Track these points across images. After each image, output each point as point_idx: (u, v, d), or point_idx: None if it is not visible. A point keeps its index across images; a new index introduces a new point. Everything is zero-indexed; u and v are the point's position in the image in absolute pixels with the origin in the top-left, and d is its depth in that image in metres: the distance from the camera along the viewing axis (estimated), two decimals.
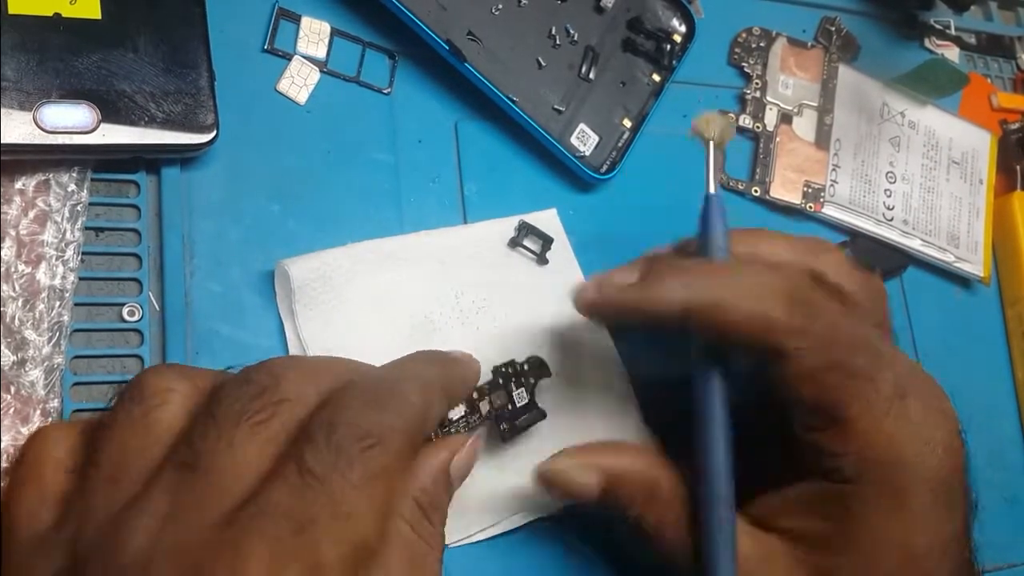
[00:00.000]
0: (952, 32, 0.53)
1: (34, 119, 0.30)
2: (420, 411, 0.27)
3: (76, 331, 0.32)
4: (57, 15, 0.32)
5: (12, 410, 0.29)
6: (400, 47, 0.39)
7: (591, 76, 0.41)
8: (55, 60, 0.31)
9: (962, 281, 0.50)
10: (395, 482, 0.25)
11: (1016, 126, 0.53)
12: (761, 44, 0.47)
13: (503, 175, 0.40)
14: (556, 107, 0.40)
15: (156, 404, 0.26)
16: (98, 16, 0.32)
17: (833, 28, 0.49)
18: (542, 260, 0.38)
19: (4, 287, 0.30)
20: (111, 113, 0.31)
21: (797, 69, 0.48)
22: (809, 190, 0.46)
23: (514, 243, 0.38)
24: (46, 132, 0.30)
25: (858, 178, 0.47)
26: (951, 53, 0.54)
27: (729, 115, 0.44)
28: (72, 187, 0.32)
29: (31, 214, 0.31)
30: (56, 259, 0.31)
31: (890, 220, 0.47)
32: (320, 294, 0.33)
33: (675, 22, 0.43)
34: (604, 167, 0.41)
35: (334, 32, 0.38)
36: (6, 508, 0.26)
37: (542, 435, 0.35)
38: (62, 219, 0.32)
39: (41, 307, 0.31)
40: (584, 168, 0.40)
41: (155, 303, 0.33)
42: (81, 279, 0.32)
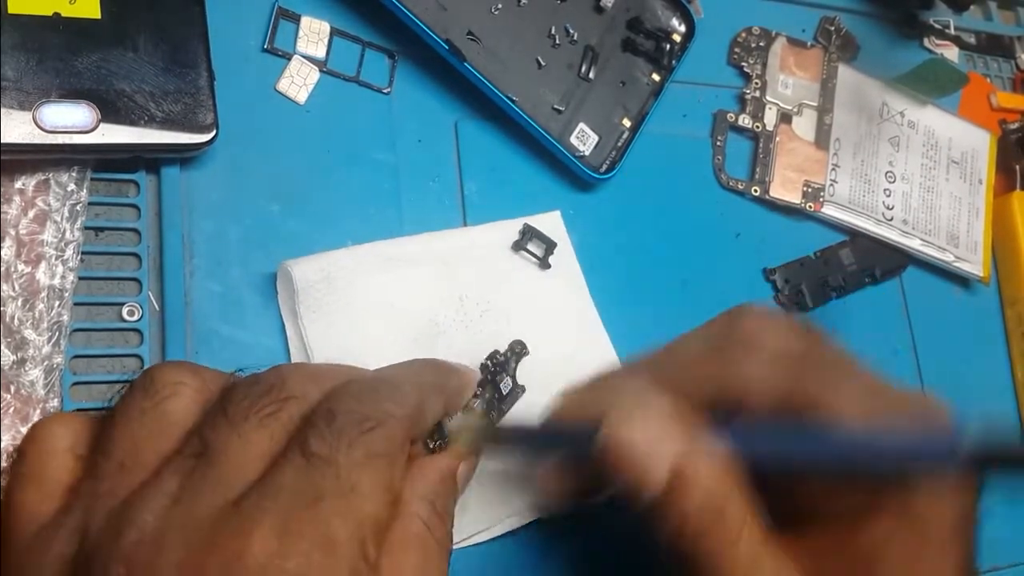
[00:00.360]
0: (951, 32, 0.53)
1: (34, 119, 0.30)
2: (416, 405, 0.28)
3: (76, 331, 0.32)
4: (57, 15, 0.32)
5: (12, 410, 0.29)
6: (400, 47, 0.39)
7: (591, 76, 0.41)
8: (55, 60, 0.31)
9: (962, 281, 0.50)
10: (396, 465, 0.26)
11: (1015, 126, 0.53)
12: (761, 44, 0.47)
13: (503, 175, 0.40)
14: (556, 107, 0.40)
15: (166, 396, 0.26)
16: (98, 16, 0.32)
17: (833, 28, 0.49)
18: (544, 264, 0.38)
19: (4, 287, 0.30)
20: (111, 113, 0.31)
21: (797, 69, 0.48)
22: (809, 190, 0.46)
23: (518, 246, 0.38)
24: (46, 132, 0.30)
25: (858, 178, 0.47)
26: (951, 53, 0.54)
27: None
28: (72, 187, 0.32)
29: (31, 214, 0.31)
30: (56, 259, 0.31)
31: (890, 220, 0.47)
32: (323, 296, 0.33)
33: (675, 22, 0.43)
34: (604, 167, 0.41)
35: (334, 32, 0.38)
36: (7, 503, 0.26)
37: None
38: (62, 219, 0.32)
39: (41, 307, 0.31)
40: (584, 168, 0.40)
41: (155, 303, 0.33)
42: (81, 279, 0.32)
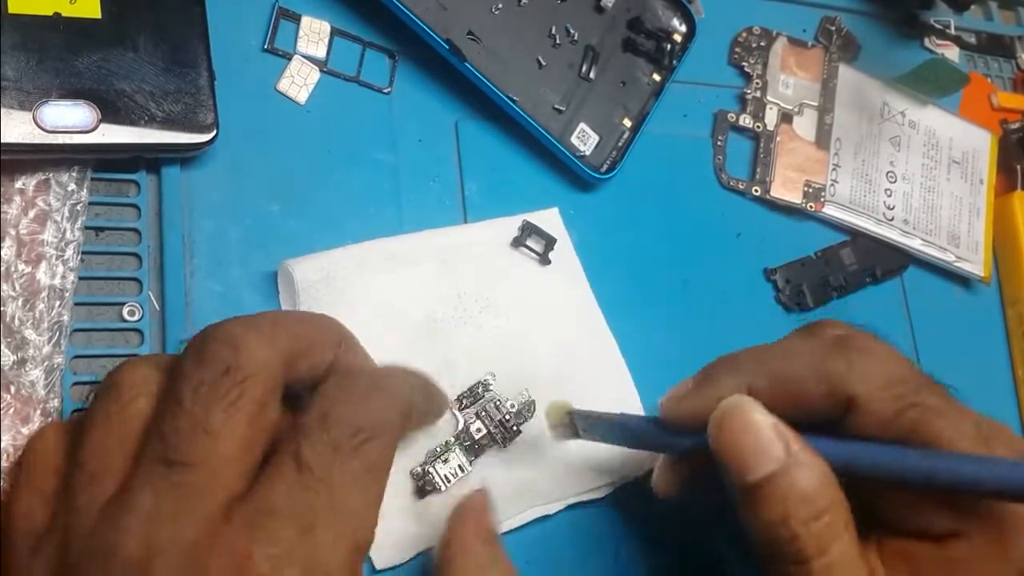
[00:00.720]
0: (952, 32, 0.53)
1: (34, 118, 0.30)
2: (406, 405, 0.28)
3: (76, 331, 0.32)
4: (57, 15, 0.32)
5: (12, 410, 0.29)
6: (400, 47, 0.39)
7: (591, 76, 0.41)
8: (55, 59, 0.31)
9: (962, 281, 0.50)
10: (387, 477, 0.26)
11: (1016, 126, 0.53)
12: (761, 44, 0.47)
13: (503, 174, 0.40)
14: (556, 107, 0.40)
15: (131, 398, 0.26)
16: (98, 16, 0.32)
17: (833, 28, 0.49)
18: (544, 260, 0.38)
19: (4, 287, 0.30)
20: (111, 113, 0.31)
21: (797, 69, 0.48)
22: (809, 190, 0.46)
23: (517, 243, 0.38)
24: (46, 131, 0.30)
25: (858, 178, 0.47)
26: (951, 53, 0.54)
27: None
28: (72, 186, 0.32)
29: (31, 213, 0.31)
30: (56, 258, 0.31)
31: (890, 220, 0.47)
32: (324, 295, 0.33)
33: (675, 22, 0.43)
34: (604, 167, 0.41)
35: (334, 32, 0.38)
36: (5, 509, 0.26)
37: (534, 421, 0.35)
38: (62, 218, 0.32)
39: (41, 307, 0.31)
40: (584, 167, 0.40)
41: (155, 303, 0.33)
42: (81, 279, 0.32)
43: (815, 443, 0.27)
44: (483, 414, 0.34)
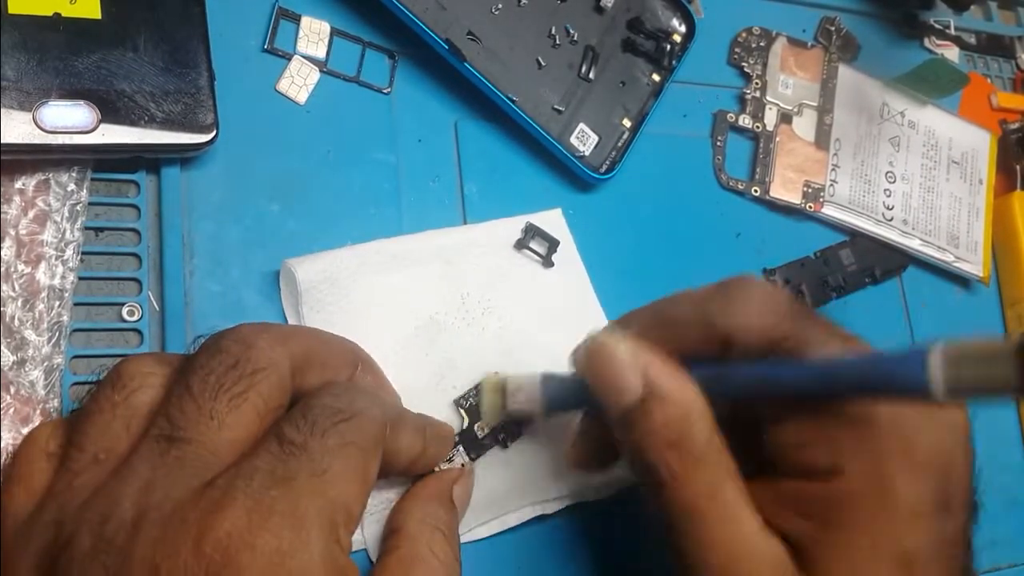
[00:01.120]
0: (952, 32, 0.53)
1: (34, 119, 0.30)
2: (395, 415, 0.29)
3: (76, 331, 0.32)
4: (57, 15, 0.32)
5: (12, 410, 0.29)
6: (400, 47, 0.39)
7: (591, 76, 0.41)
8: (55, 60, 0.31)
9: (962, 281, 0.50)
10: (368, 457, 0.26)
11: (1016, 126, 0.53)
12: (761, 44, 0.47)
13: (503, 175, 0.40)
14: (556, 107, 0.40)
15: (135, 388, 0.26)
16: (98, 16, 0.32)
17: (833, 28, 0.49)
18: (548, 263, 0.38)
19: (4, 287, 0.30)
20: (111, 113, 0.31)
21: (797, 69, 0.48)
22: (809, 190, 0.46)
23: (520, 245, 0.38)
24: (46, 132, 0.30)
25: (858, 178, 0.47)
26: (951, 53, 0.54)
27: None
28: (72, 187, 0.32)
29: (31, 214, 0.31)
30: (56, 259, 0.31)
31: (890, 220, 0.47)
32: (326, 295, 0.33)
33: (675, 22, 0.43)
34: (604, 167, 0.41)
35: (334, 32, 0.38)
36: (2, 506, 0.26)
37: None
38: (62, 219, 0.32)
39: (41, 307, 0.31)
40: (584, 168, 0.40)
41: (155, 303, 0.33)
42: (81, 279, 0.32)
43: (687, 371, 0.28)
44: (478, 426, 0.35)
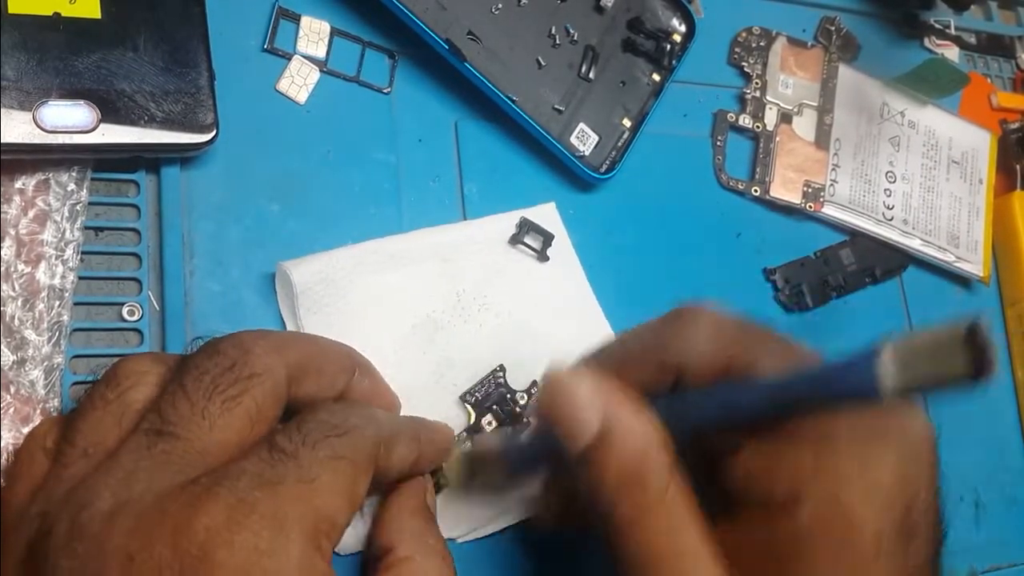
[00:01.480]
0: (952, 32, 0.53)
1: (34, 119, 0.30)
2: (390, 431, 0.29)
3: (76, 330, 0.32)
4: (57, 15, 0.32)
5: (12, 410, 0.29)
6: (400, 47, 0.39)
7: (591, 76, 0.41)
8: (55, 60, 0.31)
9: (962, 281, 0.50)
10: (359, 474, 0.26)
11: (1016, 126, 0.53)
12: (761, 44, 0.47)
13: (503, 174, 0.40)
14: (556, 107, 0.40)
15: (129, 386, 0.26)
16: (98, 16, 0.32)
17: (833, 28, 0.49)
18: (543, 257, 0.38)
19: (4, 287, 0.30)
20: (111, 112, 0.31)
21: (797, 69, 0.48)
22: (809, 190, 0.46)
23: (515, 240, 0.38)
24: (46, 132, 0.30)
25: (858, 178, 0.47)
26: (951, 53, 0.54)
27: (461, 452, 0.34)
28: (72, 186, 0.32)
29: (31, 213, 0.31)
30: (56, 258, 0.31)
31: (890, 220, 0.47)
32: (323, 296, 0.33)
33: (675, 22, 0.43)
34: (604, 167, 0.41)
35: (334, 32, 0.38)
36: (3, 501, 0.26)
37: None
38: (62, 218, 0.32)
39: (41, 307, 0.31)
40: (584, 168, 0.40)
41: (155, 303, 0.33)
42: (81, 278, 0.32)
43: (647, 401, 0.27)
44: (495, 408, 0.35)
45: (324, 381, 0.29)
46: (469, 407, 0.34)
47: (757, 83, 0.46)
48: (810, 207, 0.46)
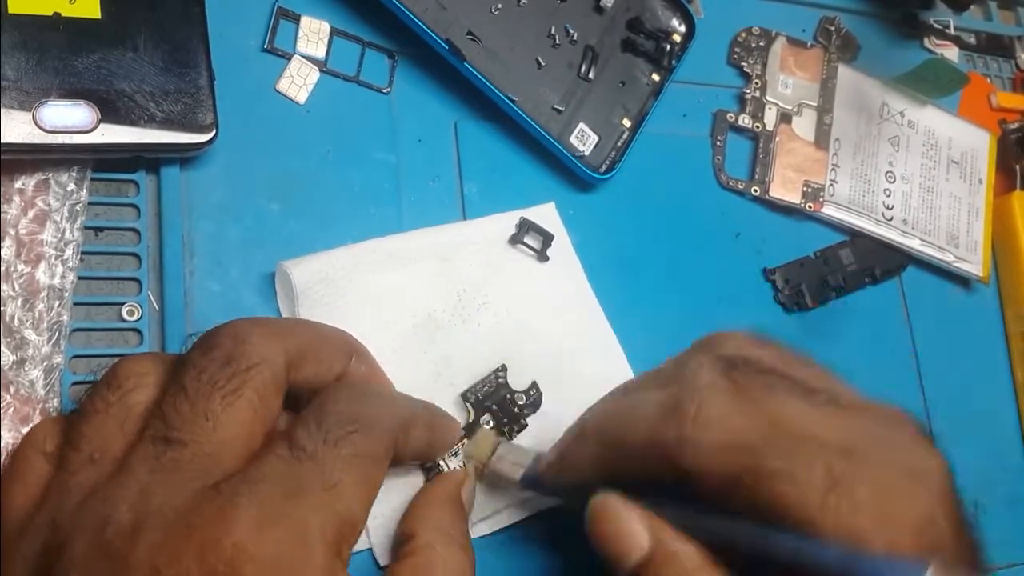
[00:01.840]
0: (952, 32, 0.53)
1: (33, 119, 0.30)
2: (405, 420, 0.29)
3: (76, 330, 0.32)
4: (57, 14, 0.32)
5: (12, 410, 0.29)
6: (400, 47, 0.39)
7: (591, 76, 0.41)
8: (55, 59, 0.31)
9: (961, 281, 0.50)
10: (380, 468, 0.27)
11: (1015, 126, 0.53)
12: (761, 44, 0.47)
13: (503, 174, 0.40)
14: (556, 107, 0.40)
15: (130, 388, 0.26)
16: (98, 16, 0.32)
17: (833, 28, 0.49)
18: (543, 257, 0.38)
19: (4, 287, 0.30)
20: (110, 113, 0.31)
21: (797, 69, 0.48)
22: (808, 190, 0.46)
23: (515, 240, 0.38)
24: (45, 132, 0.30)
25: (857, 178, 0.47)
26: (951, 53, 0.54)
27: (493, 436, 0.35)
28: (71, 186, 0.32)
29: (31, 213, 0.31)
30: (55, 258, 0.31)
31: (889, 220, 0.47)
32: (323, 296, 0.33)
33: (675, 22, 0.43)
34: (603, 167, 0.41)
35: (334, 32, 0.38)
36: (1, 505, 0.26)
37: (542, 417, 0.35)
38: (61, 218, 0.32)
39: (40, 307, 0.31)
40: (583, 168, 0.40)
41: (154, 302, 0.33)
42: (80, 278, 0.32)
43: (680, 519, 0.27)
44: (495, 408, 0.35)
45: (322, 367, 0.29)
46: (469, 406, 0.34)
47: (757, 83, 0.46)
48: (810, 207, 0.46)
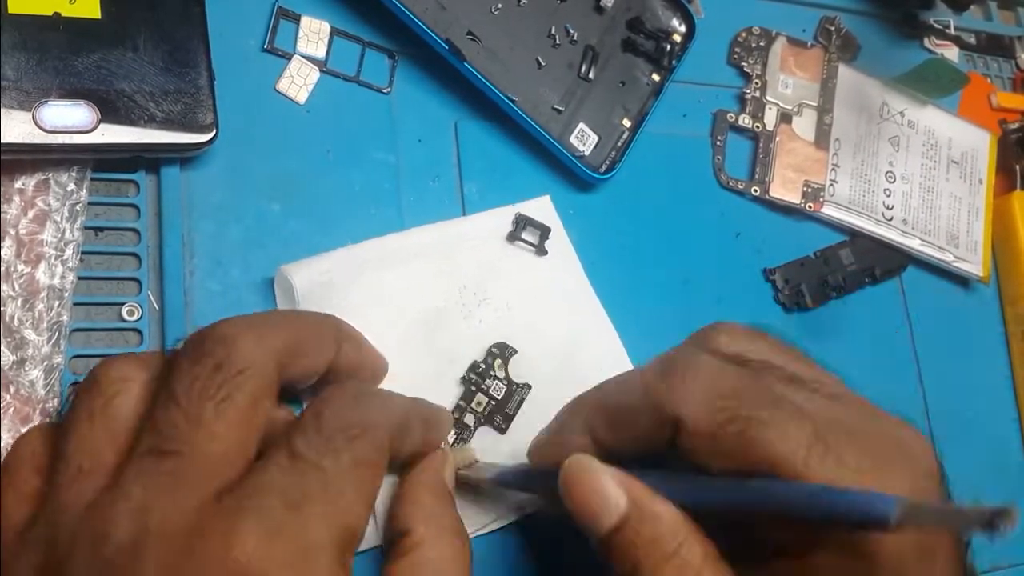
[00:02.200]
0: (952, 32, 0.53)
1: (33, 118, 0.30)
2: (402, 418, 0.29)
3: (75, 330, 0.32)
4: (57, 14, 0.32)
5: (12, 410, 0.29)
6: (400, 47, 0.39)
7: (591, 76, 0.41)
8: (55, 59, 0.31)
9: (962, 281, 0.50)
10: (380, 475, 0.27)
11: (1015, 126, 0.53)
12: (761, 44, 0.47)
13: (503, 174, 0.40)
14: (556, 107, 0.40)
15: (114, 393, 0.26)
16: (98, 16, 0.32)
17: (833, 28, 0.49)
18: (541, 251, 0.38)
19: (4, 287, 0.30)
20: (110, 113, 0.31)
21: (797, 69, 0.48)
22: (809, 190, 0.46)
23: (512, 237, 0.38)
24: (45, 132, 0.30)
25: (858, 178, 0.47)
26: (951, 53, 0.54)
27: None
28: (71, 186, 0.32)
29: (30, 213, 0.31)
30: (55, 258, 0.31)
31: (889, 220, 0.47)
32: (323, 299, 0.33)
33: (675, 22, 0.43)
34: (603, 167, 0.41)
35: (334, 32, 0.38)
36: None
37: (535, 412, 0.35)
38: (61, 218, 0.32)
39: (40, 307, 0.31)
40: (583, 168, 0.40)
41: (154, 303, 0.33)
42: (80, 278, 0.32)
43: (657, 483, 0.27)
44: (476, 403, 0.35)
45: (312, 359, 0.29)
46: (466, 385, 0.35)
47: (757, 83, 0.46)
48: (810, 207, 0.46)
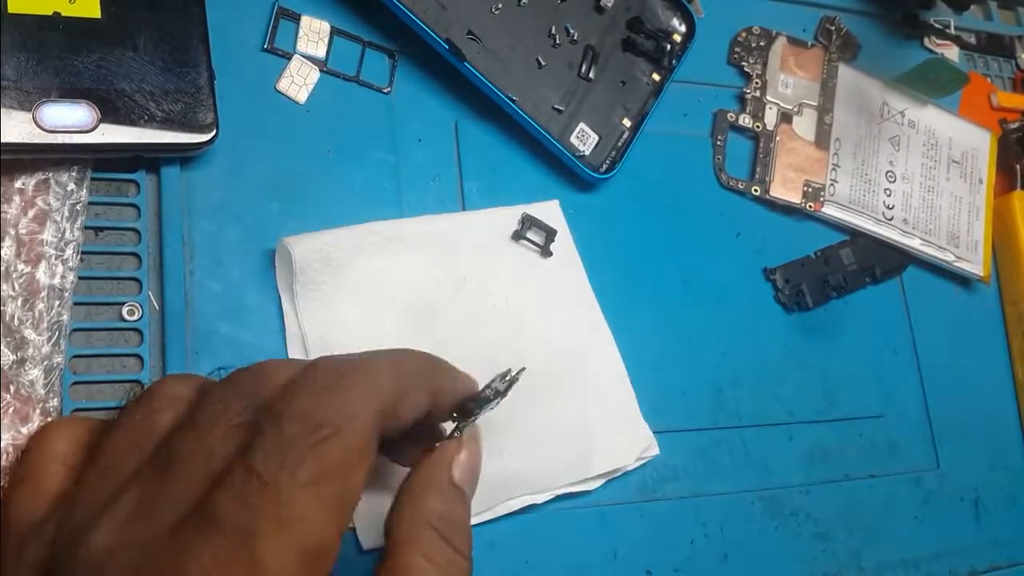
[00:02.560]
0: (952, 31, 0.53)
1: (34, 118, 0.30)
2: (390, 397, 0.25)
3: (76, 330, 0.32)
4: (57, 14, 0.32)
5: (12, 409, 0.29)
6: (400, 46, 0.39)
7: (591, 76, 0.41)
8: (55, 59, 0.31)
9: (962, 280, 0.50)
10: (354, 475, 0.24)
11: (1016, 125, 0.53)
12: (761, 43, 0.47)
13: (503, 174, 0.40)
14: (556, 106, 0.40)
15: (158, 409, 0.26)
16: (98, 15, 0.32)
17: (833, 27, 0.49)
18: (546, 252, 0.38)
19: (4, 287, 0.30)
20: (110, 112, 0.31)
21: (797, 68, 0.48)
22: (809, 189, 0.46)
23: (517, 236, 0.38)
24: (46, 131, 0.30)
25: (858, 177, 0.47)
26: (951, 52, 0.54)
27: None
28: (72, 186, 0.32)
29: (31, 213, 0.31)
30: (56, 258, 0.31)
31: (890, 219, 0.47)
32: (320, 275, 0.34)
33: (675, 22, 0.43)
34: (604, 166, 0.41)
35: (334, 31, 0.38)
36: (5, 502, 0.26)
37: (535, 412, 0.35)
38: (62, 218, 0.32)
39: (41, 306, 0.31)
40: (584, 167, 0.40)
41: (155, 302, 0.33)
42: (81, 278, 0.32)
43: None
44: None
45: (412, 412, 0.27)
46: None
47: (757, 83, 0.46)
48: (810, 207, 0.46)
